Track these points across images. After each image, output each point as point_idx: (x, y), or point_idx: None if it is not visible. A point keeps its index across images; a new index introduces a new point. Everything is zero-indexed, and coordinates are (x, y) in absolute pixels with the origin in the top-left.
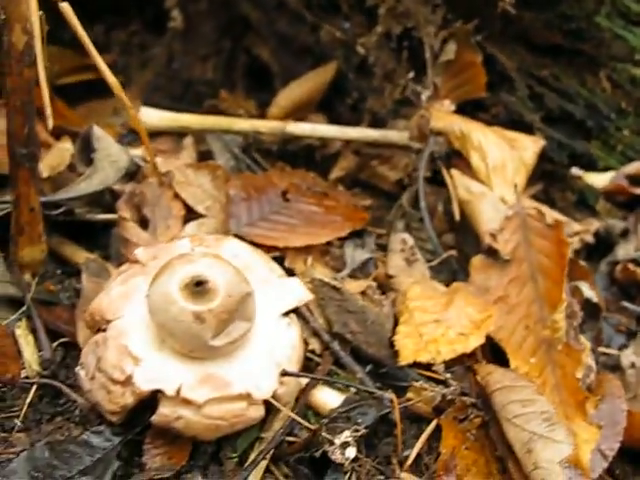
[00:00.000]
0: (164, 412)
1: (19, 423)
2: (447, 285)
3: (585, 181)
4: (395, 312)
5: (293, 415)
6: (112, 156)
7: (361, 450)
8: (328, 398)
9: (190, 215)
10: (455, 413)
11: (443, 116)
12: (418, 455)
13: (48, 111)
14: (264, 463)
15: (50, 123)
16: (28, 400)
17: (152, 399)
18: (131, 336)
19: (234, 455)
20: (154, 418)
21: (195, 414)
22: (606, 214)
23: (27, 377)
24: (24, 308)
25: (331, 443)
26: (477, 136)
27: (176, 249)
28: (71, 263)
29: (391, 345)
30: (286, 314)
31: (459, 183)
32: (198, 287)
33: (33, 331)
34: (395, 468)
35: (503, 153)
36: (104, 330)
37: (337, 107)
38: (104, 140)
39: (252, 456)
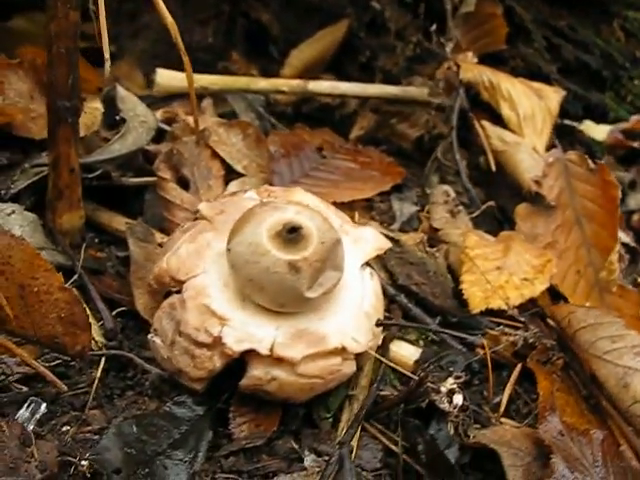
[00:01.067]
0: (256, 374)
1: (91, 400)
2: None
3: (587, 134)
4: (448, 263)
5: (397, 367)
6: (140, 116)
7: (465, 397)
8: (406, 351)
9: (228, 175)
10: (538, 356)
11: (471, 67)
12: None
13: (107, 55)
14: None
15: (107, 68)
16: (98, 374)
17: (237, 362)
18: (211, 295)
19: (328, 415)
20: (243, 382)
21: (290, 374)
22: (611, 167)
23: (92, 350)
24: (75, 277)
25: (436, 392)
26: (506, 86)
27: (244, 202)
28: (109, 230)
29: (455, 295)
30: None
31: (492, 134)
32: (291, 234)
33: (86, 301)
34: (489, 415)
35: (532, 103)
36: (177, 292)
37: (347, 67)
38: (129, 100)
39: (344, 415)
